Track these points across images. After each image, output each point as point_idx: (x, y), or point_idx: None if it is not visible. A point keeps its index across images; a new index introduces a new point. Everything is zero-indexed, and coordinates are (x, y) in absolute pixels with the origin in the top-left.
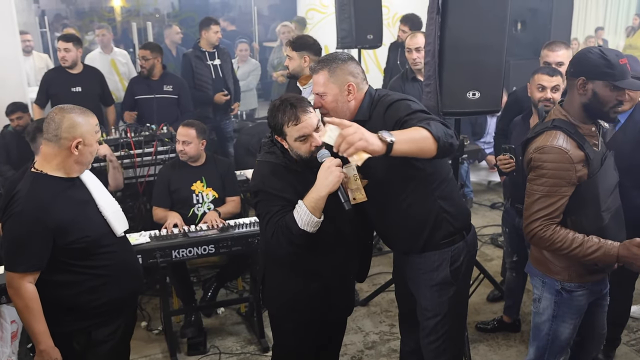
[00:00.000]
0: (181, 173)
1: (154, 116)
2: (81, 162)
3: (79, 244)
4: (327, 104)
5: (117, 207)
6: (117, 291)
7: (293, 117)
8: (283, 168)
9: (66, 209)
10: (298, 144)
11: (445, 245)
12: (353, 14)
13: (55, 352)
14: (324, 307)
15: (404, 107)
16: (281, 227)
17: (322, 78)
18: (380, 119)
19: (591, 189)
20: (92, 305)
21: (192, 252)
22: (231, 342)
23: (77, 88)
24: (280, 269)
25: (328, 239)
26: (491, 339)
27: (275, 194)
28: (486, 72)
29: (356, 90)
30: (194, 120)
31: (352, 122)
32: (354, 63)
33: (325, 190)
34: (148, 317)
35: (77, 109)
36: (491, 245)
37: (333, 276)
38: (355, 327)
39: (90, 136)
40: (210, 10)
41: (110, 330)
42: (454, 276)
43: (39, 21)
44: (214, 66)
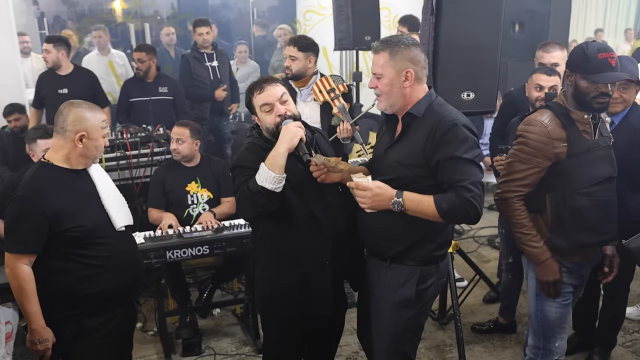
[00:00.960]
0: (176, 174)
1: (150, 118)
2: (86, 155)
3: (74, 232)
4: (382, 87)
5: (122, 202)
6: (111, 283)
7: (258, 87)
8: (258, 146)
9: (64, 197)
10: (264, 114)
11: (416, 263)
12: (351, 16)
13: (46, 332)
14: (303, 301)
15: (455, 146)
16: (244, 191)
17: (382, 59)
18: (430, 128)
19: (568, 169)
20: (84, 293)
21: (186, 253)
22: (226, 343)
23: (63, 90)
24: (263, 262)
25: (301, 221)
26: (487, 340)
27: (247, 165)
28: (480, 73)
29: (413, 78)
30: (189, 121)
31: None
32: (417, 50)
33: (282, 147)
34: (143, 318)
35: (85, 104)
36: (488, 246)
37: (312, 266)
38: (351, 328)
39: (95, 131)
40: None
41: (102, 321)
42: (418, 297)
43: (38, 23)
44: (212, 67)
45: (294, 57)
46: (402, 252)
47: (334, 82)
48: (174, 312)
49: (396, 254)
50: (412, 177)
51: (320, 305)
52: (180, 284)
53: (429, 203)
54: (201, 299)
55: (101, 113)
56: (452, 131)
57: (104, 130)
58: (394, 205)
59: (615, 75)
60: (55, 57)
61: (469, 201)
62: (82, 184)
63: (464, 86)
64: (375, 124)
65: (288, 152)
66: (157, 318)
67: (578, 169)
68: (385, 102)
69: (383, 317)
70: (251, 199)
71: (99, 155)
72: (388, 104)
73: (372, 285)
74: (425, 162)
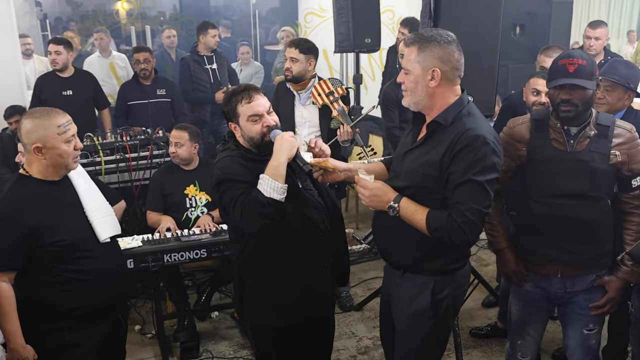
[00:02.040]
0: (174, 177)
1: (149, 121)
2: (54, 165)
3: (55, 247)
4: (408, 83)
5: (107, 211)
6: (94, 297)
7: (247, 95)
8: (240, 157)
9: (43, 212)
10: (250, 124)
11: (431, 273)
12: (351, 18)
13: (26, 351)
14: (304, 306)
15: (468, 164)
16: (248, 203)
17: (411, 54)
18: (451, 139)
19: (527, 173)
20: (66, 307)
21: (184, 257)
22: (224, 347)
23: (68, 92)
24: (256, 276)
25: (295, 222)
26: (485, 345)
27: (237, 179)
28: (479, 77)
29: (440, 78)
30: (188, 124)
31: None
32: (451, 48)
33: (283, 156)
34: (142, 321)
35: (37, 113)
36: (487, 250)
37: (309, 265)
38: (349, 332)
39: (50, 139)
40: (212, 12)
41: (86, 335)
42: (434, 308)
43: (40, 24)
44: (212, 70)
45: (294, 59)
46: (411, 265)
47: (332, 85)
48: (172, 315)
49: (406, 266)
50: (424, 188)
51: (321, 307)
52: (178, 287)
53: (421, 217)
54: (199, 301)
55: (58, 117)
56: (471, 146)
57: (64, 135)
58: (390, 209)
59: (562, 80)
60: (66, 58)
61: (457, 226)
62: (64, 195)
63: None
64: (375, 127)
65: (288, 161)
66: (155, 321)
67: (538, 175)
68: (410, 98)
69: (400, 327)
70: (259, 212)
71: (70, 163)
72: (412, 101)
73: (390, 293)
74: (440, 175)
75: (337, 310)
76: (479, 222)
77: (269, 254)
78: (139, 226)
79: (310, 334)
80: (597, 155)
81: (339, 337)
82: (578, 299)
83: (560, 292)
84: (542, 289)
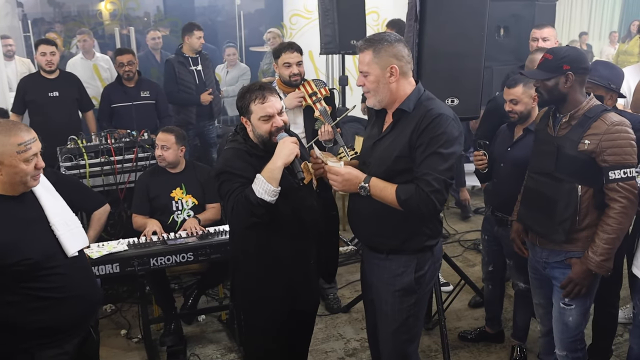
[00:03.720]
0: (160, 180)
1: (134, 123)
2: (11, 183)
3: (19, 267)
4: (369, 84)
5: (74, 224)
6: (63, 314)
7: (260, 95)
8: (245, 152)
9: (5, 230)
10: (261, 122)
11: (413, 251)
12: (337, 20)
13: None
14: (289, 296)
15: (432, 138)
16: (240, 200)
17: (367, 57)
18: (417, 120)
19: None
20: (34, 326)
21: (170, 260)
22: (211, 350)
23: (54, 93)
24: (247, 264)
25: (286, 219)
26: (472, 345)
27: (237, 173)
28: (465, 79)
29: (399, 73)
30: (174, 127)
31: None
32: (401, 45)
33: (280, 161)
34: (128, 325)
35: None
36: (474, 250)
37: (295, 263)
38: (337, 333)
39: (9, 157)
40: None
41: (57, 352)
42: (417, 283)
43: (22, 25)
44: (197, 71)
45: (300, 62)
46: (396, 247)
47: (316, 86)
48: (158, 319)
49: (391, 249)
50: (397, 170)
51: (305, 300)
52: (165, 291)
53: (391, 191)
54: (186, 305)
55: (20, 135)
56: (435, 121)
57: (24, 154)
58: (361, 190)
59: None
60: (58, 59)
61: (425, 195)
62: (26, 211)
63: (448, 92)
64: (361, 128)
65: (284, 166)
66: (141, 325)
67: (532, 153)
68: (374, 98)
69: (386, 307)
70: (250, 210)
71: (29, 181)
72: (376, 100)
73: (372, 278)
74: (410, 153)
75: (325, 312)
76: (445, 191)
77: (259, 249)
78: (125, 230)
79: (294, 325)
80: (569, 141)
81: (326, 339)
82: (556, 272)
83: (541, 261)
84: (533, 257)
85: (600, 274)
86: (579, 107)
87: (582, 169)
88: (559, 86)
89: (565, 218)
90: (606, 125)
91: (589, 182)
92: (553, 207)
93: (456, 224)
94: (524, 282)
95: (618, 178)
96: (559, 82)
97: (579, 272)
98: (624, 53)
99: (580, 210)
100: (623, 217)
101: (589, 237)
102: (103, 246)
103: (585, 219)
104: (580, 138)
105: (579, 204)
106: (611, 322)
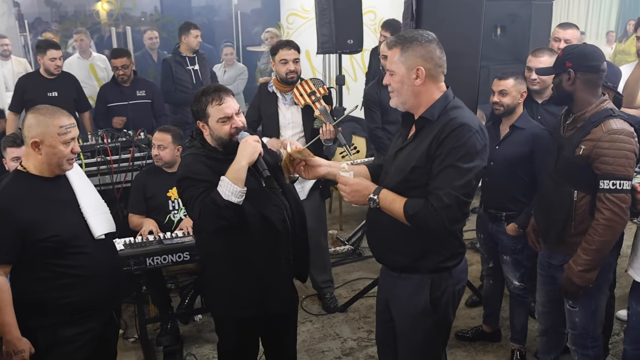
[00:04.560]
0: (157, 179)
1: (130, 123)
2: (49, 163)
3: (48, 243)
4: (394, 84)
5: (104, 208)
6: (87, 293)
7: (217, 97)
8: (204, 156)
9: (38, 208)
10: (219, 125)
11: (427, 271)
12: (333, 19)
13: (22, 343)
14: (261, 301)
15: (451, 149)
16: (207, 204)
17: (394, 55)
18: (438, 130)
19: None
20: (59, 302)
21: (166, 260)
22: (208, 350)
23: (53, 93)
24: (217, 267)
25: (254, 221)
26: (468, 344)
27: (198, 178)
28: (461, 78)
29: (425, 76)
30: (171, 126)
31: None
32: (432, 46)
33: (244, 161)
34: (124, 325)
35: (43, 109)
36: (471, 250)
37: (266, 264)
38: (333, 333)
39: (49, 137)
40: (193, 13)
41: (79, 331)
42: (433, 305)
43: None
44: (194, 71)
45: (297, 60)
46: (409, 265)
47: (314, 85)
48: (155, 319)
49: (404, 266)
50: (414, 181)
51: (277, 303)
52: (161, 291)
53: (399, 205)
54: (183, 305)
55: (62, 118)
56: (455, 132)
57: (64, 136)
58: (370, 202)
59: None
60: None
61: (434, 210)
62: (59, 193)
63: None
64: (358, 128)
65: (249, 165)
66: (137, 325)
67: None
68: (397, 99)
69: (402, 327)
70: (217, 213)
71: (64, 164)
72: (399, 101)
73: (388, 295)
74: (427, 165)
75: (322, 311)
76: (457, 208)
77: (227, 250)
78: (121, 229)
79: (270, 330)
80: (570, 144)
81: (323, 339)
82: (558, 273)
83: (546, 261)
84: (541, 254)
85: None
86: (586, 109)
87: (578, 174)
88: (563, 84)
89: (557, 220)
90: (602, 132)
91: (585, 188)
92: (549, 207)
93: None
94: (519, 280)
95: (606, 189)
96: (562, 80)
97: (564, 278)
98: (621, 52)
99: (576, 215)
100: (606, 230)
101: (557, 232)
102: None
103: (581, 224)
104: (578, 142)
105: (574, 209)
106: (607, 321)
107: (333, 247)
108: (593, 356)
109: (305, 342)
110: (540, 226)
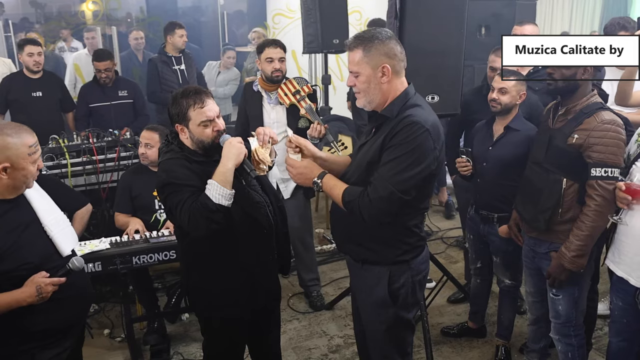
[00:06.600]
0: (143, 179)
1: (112, 123)
2: (14, 186)
3: (20, 272)
4: (360, 84)
5: (65, 223)
6: (62, 314)
7: (199, 99)
8: (184, 160)
9: (3, 236)
10: (201, 128)
11: (386, 263)
12: (319, 19)
13: (29, 291)
14: (249, 297)
15: (398, 146)
16: (197, 209)
17: (357, 56)
18: (391, 128)
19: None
20: (37, 328)
21: (152, 258)
22: (195, 348)
23: (37, 93)
24: (204, 268)
25: (241, 221)
26: (454, 340)
27: (182, 183)
28: (445, 76)
29: (391, 73)
30: (159, 125)
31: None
32: (392, 42)
33: (230, 163)
34: (111, 325)
35: (9, 128)
36: (456, 247)
37: (254, 262)
38: (320, 330)
39: (21, 160)
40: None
41: (56, 353)
42: (392, 297)
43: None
44: (180, 71)
45: (283, 59)
46: (368, 257)
47: (298, 84)
48: (141, 318)
49: (364, 258)
50: (368, 178)
51: (264, 299)
52: (148, 290)
53: (339, 191)
54: (169, 304)
55: (28, 137)
56: (406, 129)
57: (33, 156)
58: (314, 185)
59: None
60: (43, 59)
61: (368, 201)
62: (20, 214)
63: (428, 89)
64: (344, 127)
65: (235, 167)
66: (124, 324)
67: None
68: (364, 99)
69: (365, 316)
70: (208, 217)
71: (30, 182)
72: (366, 100)
73: (354, 285)
74: (379, 161)
75: (308, 309)
76: (390, 202)
77: (214, 252)
78: (107, 229)
79: (254, 329)
80: (561, 134)
81: (310, 337)
82: (543, 263)
83: (531, 251)
84: (525, 245)
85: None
86: (578, 101)
87: (568, 163)
88: (577, 76)
89: (546, 207)
90: (596, 122)
91: (574, 176)
92: (538, 195)
93: (439, 221)
94: (510, 278)
95: (598, 176)
96: (576, 73)
97: (554, 266)
98: None
99: (564, 203)
100: (597, 216)
101: (569, 231)
102: (85, 245)
103: (568, 212)
104: (571, 132)
105: (562, 197)
106: (590, 315)
107: (319, 246)
108: (576, 345)
109: (292, 339)
110: (526, 216)
